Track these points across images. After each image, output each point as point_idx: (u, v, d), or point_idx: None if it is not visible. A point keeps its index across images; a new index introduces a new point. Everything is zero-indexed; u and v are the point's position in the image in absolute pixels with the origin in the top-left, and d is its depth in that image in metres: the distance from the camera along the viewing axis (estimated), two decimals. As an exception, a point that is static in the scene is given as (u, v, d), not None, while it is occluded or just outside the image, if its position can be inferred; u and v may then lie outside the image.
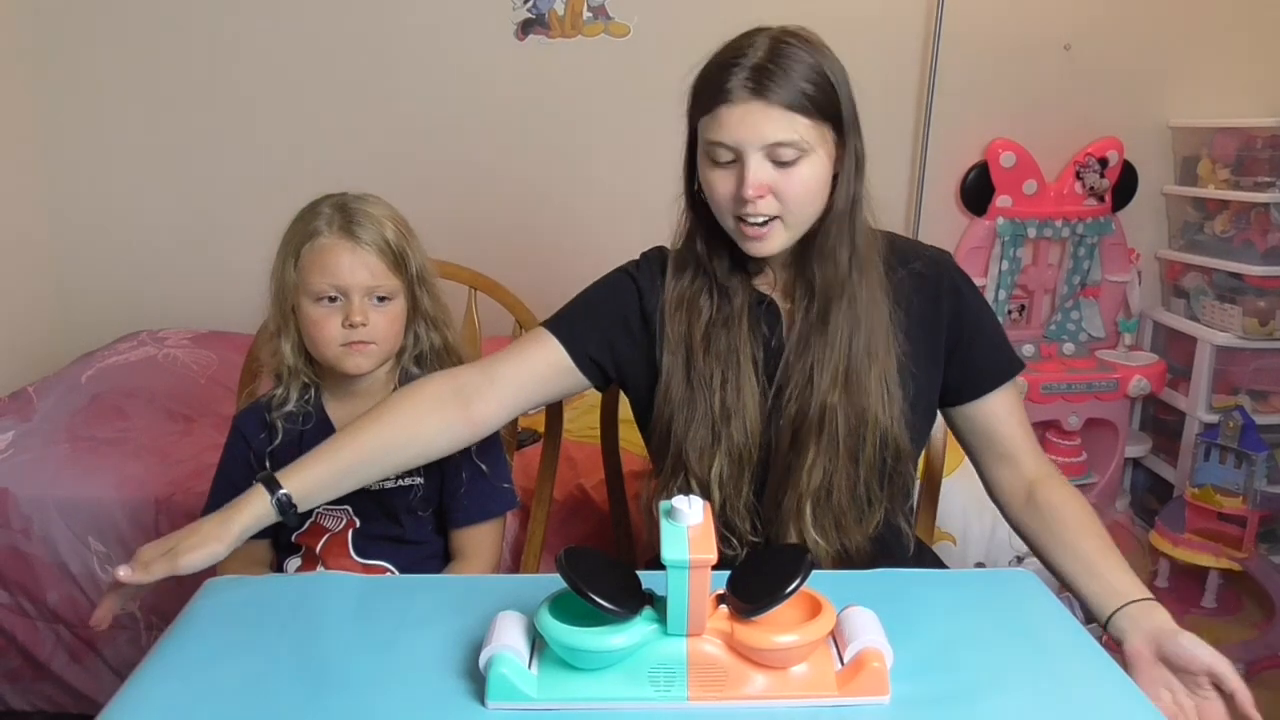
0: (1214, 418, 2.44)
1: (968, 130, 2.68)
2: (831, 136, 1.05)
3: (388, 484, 1.25)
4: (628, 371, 1.19)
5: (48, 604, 1.77)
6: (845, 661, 0.83)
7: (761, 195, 1.03)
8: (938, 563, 1.30)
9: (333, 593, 1.02)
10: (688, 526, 0.79)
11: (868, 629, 0.84)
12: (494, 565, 1.31)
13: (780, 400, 1.12)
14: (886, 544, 1.18)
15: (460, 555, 1.30)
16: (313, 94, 2.64)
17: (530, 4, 2.59)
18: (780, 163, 1.02)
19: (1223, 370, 2.55)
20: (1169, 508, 2.44)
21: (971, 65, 2.63)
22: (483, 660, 0.83)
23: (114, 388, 2.13)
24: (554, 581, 0.82)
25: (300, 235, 1.20)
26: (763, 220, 1.05)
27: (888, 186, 1.70)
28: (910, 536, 1.24)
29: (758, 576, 0.84)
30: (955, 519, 1.74)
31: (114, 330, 2.53)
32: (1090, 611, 1.06)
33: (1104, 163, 2.66)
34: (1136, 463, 2.86)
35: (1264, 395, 2.56)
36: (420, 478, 1.26)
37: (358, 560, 1.26)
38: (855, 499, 1.12)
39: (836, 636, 0.85)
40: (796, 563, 0.82)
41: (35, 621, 1.80)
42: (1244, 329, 2.47)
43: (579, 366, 1.17)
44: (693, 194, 1.13)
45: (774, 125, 1.01)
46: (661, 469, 1.17)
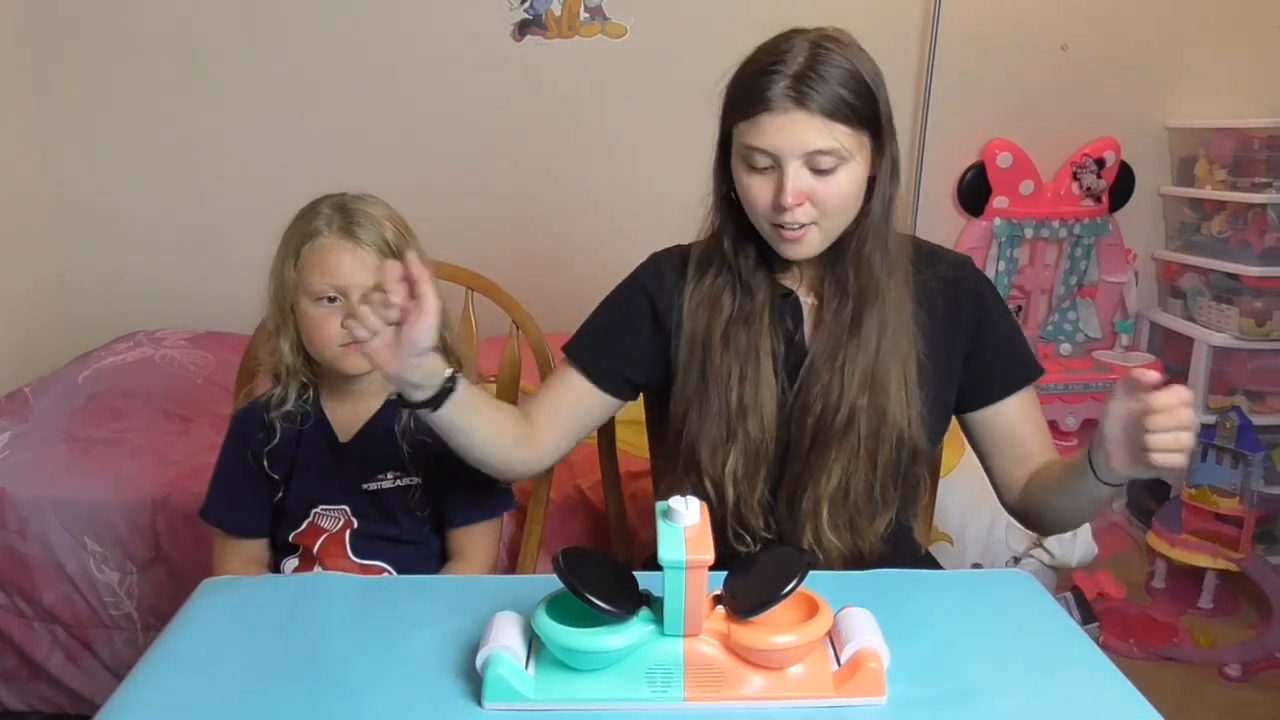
0: (1211, 418, 2.43)
1: (965, 131, 2.68)
2: (869, 143, 1.05)
3: (385, 484, 1.24)
4: (652, 374, 1.20)
5: (44, 604, 1.77)
6: (842, 662, 0.83)
7: (800, 203, 1.03)
8: (934, 564, 1.30)
9: (330, 593, 1.02)
10: (684, 527, 0.79)
11: (865, 630, 0.84)
12: (491, 566, 1.31)
13: (803, 398, 1.12)
14: (898, 544, 1.18)
15: (457, 555, 1.30)
16: (310, 94, 2.64)
17: (527, 5, 2.59)
18: (819, 170, 1.03)
19: (1219, 371, 2.55)
20: (1166, 508, 2.44)
21: (969, 65, 2.63)
22: (480, 661, 0.83)
23: (111, 388, 2.12)
24: (551, 582, 0.82)
25: (300, 235, 1.20)
26: (799, 225, 1.05)
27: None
28: (920, 537, 1.24)
29: (754, 577, 0.84)
30: (952, 519, 1.74)
31: (111, 330, 2.52)
32: (1079, 481, 1.04)
33: (1101, 163, 2.66)
34: (1134, 463, 2.86)
35: (1261, 396, 2.56)
36: (418, 478, 1.26)
37: (355, 560, 1.25)
38: (871, 500, 1.13)
39: (833, 637, 0.85)
40: (793, 563, 0.82)
41: (31, 622, 1.79)
42: (1241, 329, 2.47)
43: (607, 391, 1.19)
44: (723, 194, 1.13)
45: (815, 134, 1.01)
46: (674, 468, 1.18)
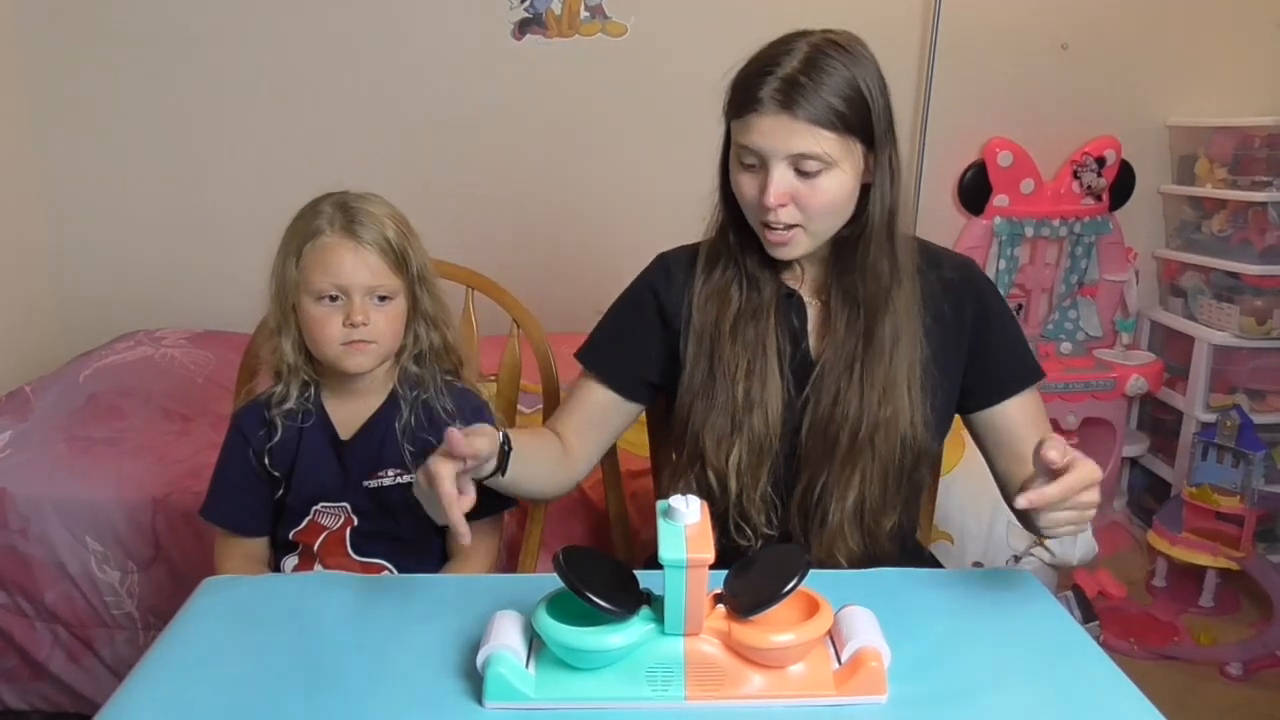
0: (1211, 417, 2.44)
1: (965, 129, 2.68)
2: (860, 150, 1.05)
3: (386, 481, 1.24)
4: (666, 371, 1.20)
5: (45, 604, 1.77)
6: (843, 661, 0.83)
7: (783, 204, 1.04)
8: (935, 563, 1.30)
9: (330, 592, 1.02)
10: (685, 526, 0.79)
11: (865, 628, 0.84)
12: (491, 564, 1.31)
13: (818, 409, 1.12)
14: (901, 544, 1.19)
15: (458, 554, 1.29)
16: (310, 94, 2.64)
17: (527, 3, 2.59)
18: (804, 173, 1.03)
19: (1220, 369, 2.55)
20: (1167, 507, 2.45)
21: (969, 64, 2.63)
22: (480, 660, 0.83)
23: (111, 387, 2.12)
24: (551, 581, 0.82)
25: (302, 234, 1.20)
26: (784, 226, 1.06)
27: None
28: (921, 536, 1.24)
29: (755, 576, 0.84)
30: (953, 518, 1.74)
31: (111, 330, 2.52)
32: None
33: (1101, 162, 2.66)
34: (1134, 462, 2.86)
35: (1261, 394, 2.56)
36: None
37: (355, 558, 1.25)
38: (881, 502, 1.13)
39: (834, 636, 0.85)
40: (794, 562, 0.82)
41: (33, 621, 1.79)
42: (1241, 328, 2.47)
43: (629, 397, 1.21)
44: (726, 188, 1.14)
45: (799, 139, 1.01)
46: (679, 462, 1.18)
